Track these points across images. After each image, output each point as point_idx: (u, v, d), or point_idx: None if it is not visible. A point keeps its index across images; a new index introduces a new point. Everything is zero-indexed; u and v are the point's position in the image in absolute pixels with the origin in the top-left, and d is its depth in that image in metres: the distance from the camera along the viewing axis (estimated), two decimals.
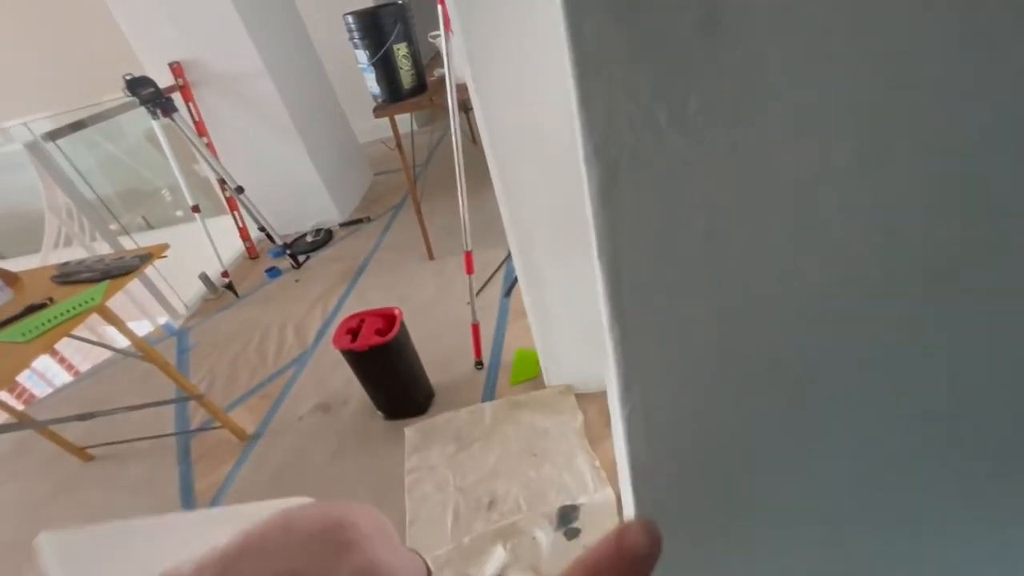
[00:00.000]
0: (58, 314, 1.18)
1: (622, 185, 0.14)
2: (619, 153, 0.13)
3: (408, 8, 1.97)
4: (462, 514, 1.35)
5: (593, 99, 0.13)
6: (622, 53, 0.12)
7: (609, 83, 0.12)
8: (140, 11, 2.43)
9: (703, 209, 0.14)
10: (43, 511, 1.71)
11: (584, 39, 0.12)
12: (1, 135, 4.27)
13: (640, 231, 0.15)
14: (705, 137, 0.13)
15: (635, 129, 0.13)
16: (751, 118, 0.13)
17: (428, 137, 4.02)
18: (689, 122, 0.13)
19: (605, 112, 0.13)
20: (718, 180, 0.13)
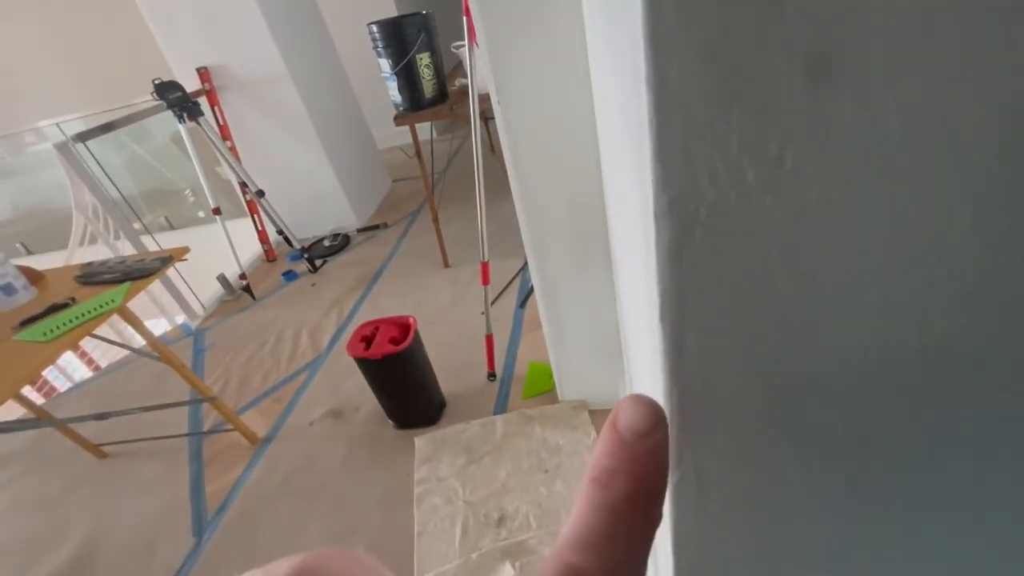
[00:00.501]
0: (80, 314, 1.20)
1: (697, 244, 0.12)
2: (697, 209, 0.12)
3: (432, 18, 1.98)
4: (471, 529, 1.32)
5: (672, 149, 0.11)
6: (711, 99, 0.10)
7: (692, 131, 0.11)
8: (172, 18, 2.49)
9: (789, 274, 0.12)
10: (56, 507, 1.73)
11: (668, 83, 0.10)
12: (35, 134, 4.41)
13: (714, 296, 0.13)
14: (799, 196, 0.11)
15: (717, 184, 0.11)
16: (856, 177, 0.11)
17: (447, 145, 4.04)
18: (782, 178, 0.11)
19: (684, 163, 0.11)
20: (810, 243, 0.12)
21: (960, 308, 0.12)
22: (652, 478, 0.14)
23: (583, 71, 1.02)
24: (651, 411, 0.14)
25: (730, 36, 0.10)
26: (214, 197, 2.65)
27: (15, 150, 4.50)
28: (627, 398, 0.15)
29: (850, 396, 0.14)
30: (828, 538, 0.18)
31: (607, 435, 0.14)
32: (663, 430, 0.14)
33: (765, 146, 0.11)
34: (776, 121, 0.11)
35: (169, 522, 1.57)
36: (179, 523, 1.55)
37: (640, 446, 0.14)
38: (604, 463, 0.14)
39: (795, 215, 0.12)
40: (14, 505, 1.79)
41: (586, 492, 0.14)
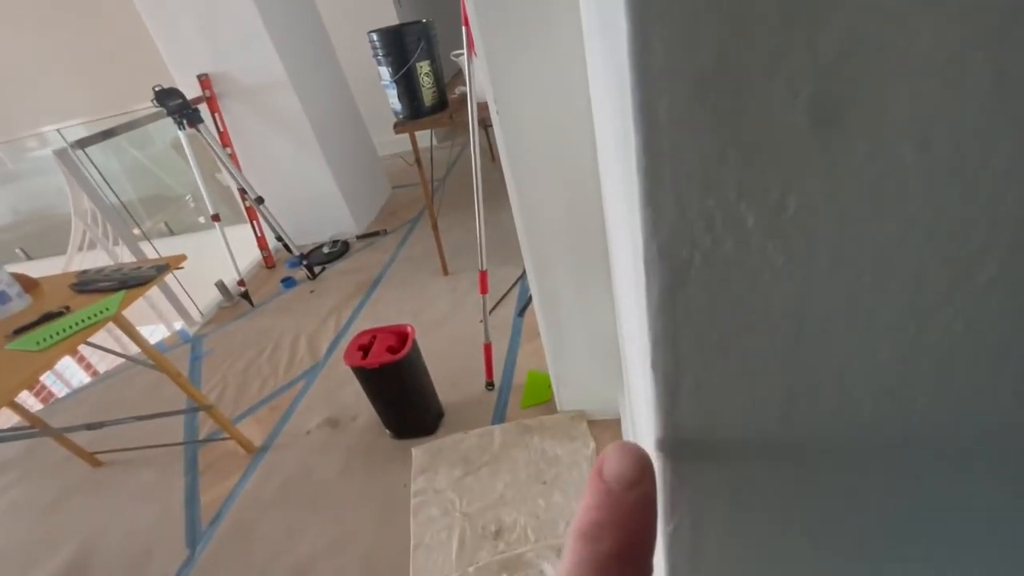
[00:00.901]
0: (73, 323, 1.19)
1: (691, 292, 0.11)
2: (690, 255, 0.11)
3: (432, 27, 1.99)
4: (468, 541, 1.30)
5: (663, 191, 0.10)
6: (704, 139, 0.09)
7: (685, 173, 0.10)
8: (173, 25, 2.50)
9: (792, 327, 0.11)
10: (50, 516, 1.71)
11: (658, 120, 0.09)
12: (37, 139, 4.42)
13: (708, 345, 0.12)
14: (804, 245, 0.10)
15: (713, 230, 0.10)
16: (869, 228, 0.10)
17: (447, 153, 4.04)
18: (785, 226, 0.10)
19: (677, 208, 0.10)
20: (816, 295, 0.11)
21: (980, 370, 0.11)
22: (642, 531, 0.13)
23: (581, 80, 1.01)
24: (638, 460, 0.13)
25: (726, 71, 0.09)
26: (213, 203, 2.64)
27: (16, 155, 4.52)
28: (613, 446, 0.14)
29: (855, 456, 0.13)
30: None
31: (593, 485, 0.14)
32: (651, 480, 0.13)
33: (765, 191, 0.10)
34: (777, 165, 0.10)
35: (163, 532, 1.55)
36: (173, 533, 1.53)
37: (628, 497, 0.13)
38: (591, 516, 0.13)
39: (799, 265, 0.11)
40: (8, 514, 1.77)
41: (573, 547, 0.14)
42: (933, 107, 0.09)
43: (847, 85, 0.09)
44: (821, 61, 0.09)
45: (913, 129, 0.09)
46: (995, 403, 0.12)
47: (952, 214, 0.10)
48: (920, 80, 0.09)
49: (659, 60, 0.09)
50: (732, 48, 0.09)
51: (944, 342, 0.11)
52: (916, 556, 0.15)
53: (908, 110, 0.09)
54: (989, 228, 0.10)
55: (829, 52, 0.09)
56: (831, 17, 0.08)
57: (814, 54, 0.09)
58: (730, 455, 0.14)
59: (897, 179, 0.09)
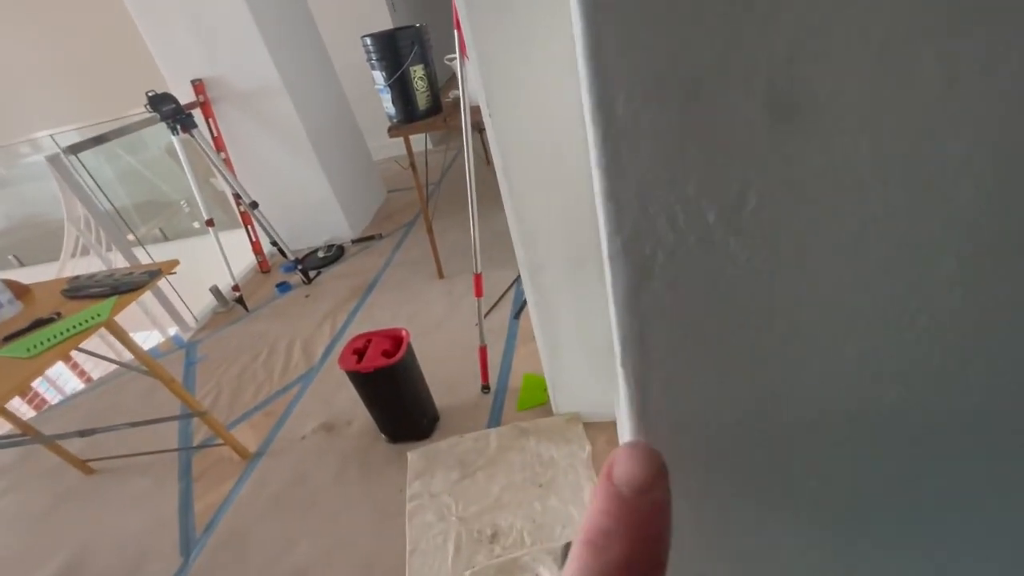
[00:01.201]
0: (64, 329, 1.18)
1: (656, 288, 0.11)
2: (654, 251, 0.11)
3: (425, 31, 1.99)
4: (464, 546, 1.30)
5: (623, 189, 0.10)
6: (665, 137, 0.09)
7: (645, 171, 0.10)
8: (166, 30, 2.50)
9: (759, 319, 0.11)
10: (42, 525, 1.70)
11: (615, 117, 0.09)
12: (30, 145, 4.40)
13: (676, 340, 0.12)
14: (765, 240, 0.10)
15: (676, 226, 0.10)
16: (829, 222, 0.10)
17: (442, 156, 4.05)
18: (746, 220, 0.10)
19: (639, 204, 0.10)
20: (780, 289, 0.11)
21: (944, 359, 0.11)
22: (654, 540, 0.12)
23: (573, 82, 1.02)
24: (651, 462, 0.13)
25: (681, 69, 0.09)
26: (208, 209, 2.63)
27: (9, 161, 4.49)
28: (624, 447, 0.14)
29: (831, 447, 0.13)
30: None
31: (603, 489, 0.13)
32: (664, 484, 0.12)
33: (725, 187, 0.10)
34: (736, 161, 0.10)
35: (156, 540, 1.53)
36: (166, 541, 1.52)
37: (639, 502, 0.12)
38: (599, 522, 0.12)
39: (763, 260, 0.11)
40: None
41: (579, 555, 0.13)
42: (885, 104, 0.09)
43: (801, 82, 0.09)
44: (774, 59, 0.09)
45: (867, 126, 0.09)
46: (961, 393, 0.12)
47: (909, 210, 0.10)
48: (871, 77, 0.09)
49: (613, 59, 0.09)
50: (686, 47, 0.09)
51: (910, 336, 0.11)
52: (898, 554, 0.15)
53: (861, 107, 0.09)
54: (945, 225, 0.10)
55: (782, 50, 0.09)
56: (781, 15, 0.08)
57: (767, 52, 0.09)
58: (705, 453, 0.14)
59: (854, 175, 0.09)
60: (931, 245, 0.10)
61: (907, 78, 0.09)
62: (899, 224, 0.10)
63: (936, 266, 0.10)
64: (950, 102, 0.09)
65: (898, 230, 0.10)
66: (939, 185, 0.09)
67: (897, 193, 0.10)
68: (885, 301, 0.11)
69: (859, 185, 0.10)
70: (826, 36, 0.08)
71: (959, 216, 0.10)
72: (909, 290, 0.11)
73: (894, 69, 0.08)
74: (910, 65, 0.08)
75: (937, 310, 0.11)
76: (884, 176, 0.09)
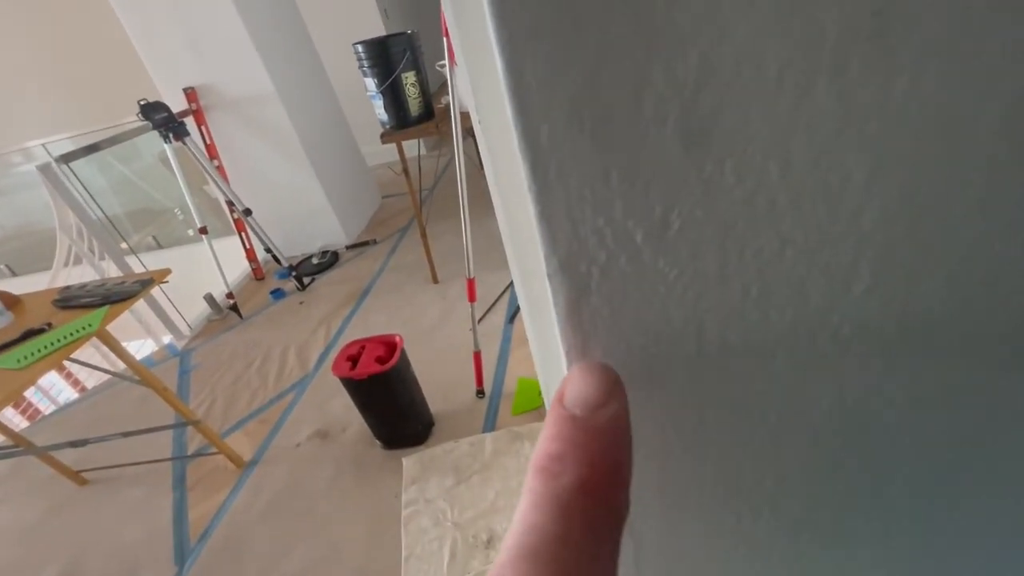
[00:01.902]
0: (55, 340, 1.18)
1: (595, 304, 0.12)
2: (589, 270, 0.11)
3: (417, 38, 2.00)
4: (459, 551, 1.30)
5: (555, 213, 0.11)
6: (587, 163, 0.10)
7: (574, 194, 0.10)
8: (157, 38, 2.50)
9: (690, 335, 0.12)
10: (34, 536, 1.68)
11: (540, 144, 0.10)
12: (22, 154, 4.39)
13: (617, 356, 0.12)
14: (690, 259, 0.11)
15: (606, 246, 0.11)
16: (748, 243, 0.10)
17: (435, 162, 4.06)
18: (671, 242, 0.11)
19: (570, 227, 0.11)
20: (707, 307, 0.11)
21: (871, 373, 0.12)
22: (610, 459, 0.11)
23: None
24: (603, 379, 0.11)
25: (596, 100, 0.09)
26: (201, 216, 2.63)
27: (1, 170, 4.47)
28: (574, 368, 0.12)
29: (761, 454, 0.14)
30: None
31: (553, 414, 0.12)
32: (620, 398, 0.11)
33: (650, 209, 0.10)
34: (656, 185, 0.10)
35: (150, 550, 1.52)
36: (160, 551, 1.51)
37: (593, 421, 0.11)
38: (550, 448, 0.11)
39: (690, 278, 0.11)
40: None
41: (530, 485, 0.11)
42: (788, 128, 0.09)
43: (709, 110, 0.09)
44: (683, 89, 0.09)
45: (774, 149, 0.10)
46: (888, 404, 0.12)
47: (821, 228, 0.10)
48: (773, 104, 0.09)
49: (534, 91, 0.09)
50: (599, 78, 0.09)
51: (835, 349, 0.12)
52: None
53: (767, 132, 0.09)
54: (857, 241, 0.10)
55: (688, 80, 0.09)
56: (686, 48, 0.09)
57: (675, 82, 0.09)
58: (651, 461, 0.15)
59: (767, 196, 0.10)
60: (845, 261, 0.11)
61: (804, 107, 0.09)
62: (813, 243, 0.10)
63: (852, 281, 0.11)
64: (847, 129, 0.09)
65: (813, 249, 0.11)
66: (847, 207, 0.10)
67: (808, 214, 0.10)
68: (808, 316, 0.11)
69: (772, 207, 0.10)
70: (727, 69, 0.09)
71: (869, 234, 0.10)
72: (830, 304, 0.11)
73: (791, 100, 0.09)
74: (805, 95, 0.09)
75: (858, 322, 0.11)
76: (795, 198, 0.10)
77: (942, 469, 0.14)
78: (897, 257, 0.10)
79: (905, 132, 0.09)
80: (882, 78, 0.09)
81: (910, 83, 0.09)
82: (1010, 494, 0.14)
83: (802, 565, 0.17)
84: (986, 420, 0.13)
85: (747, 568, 0.17)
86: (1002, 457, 0.13)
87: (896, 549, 0.16)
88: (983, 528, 0.15)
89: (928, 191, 0.10)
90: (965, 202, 0.10)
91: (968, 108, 0.09)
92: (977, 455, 0.13)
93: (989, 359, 0.12)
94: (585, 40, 0.09)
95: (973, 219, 0.10)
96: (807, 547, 0.17)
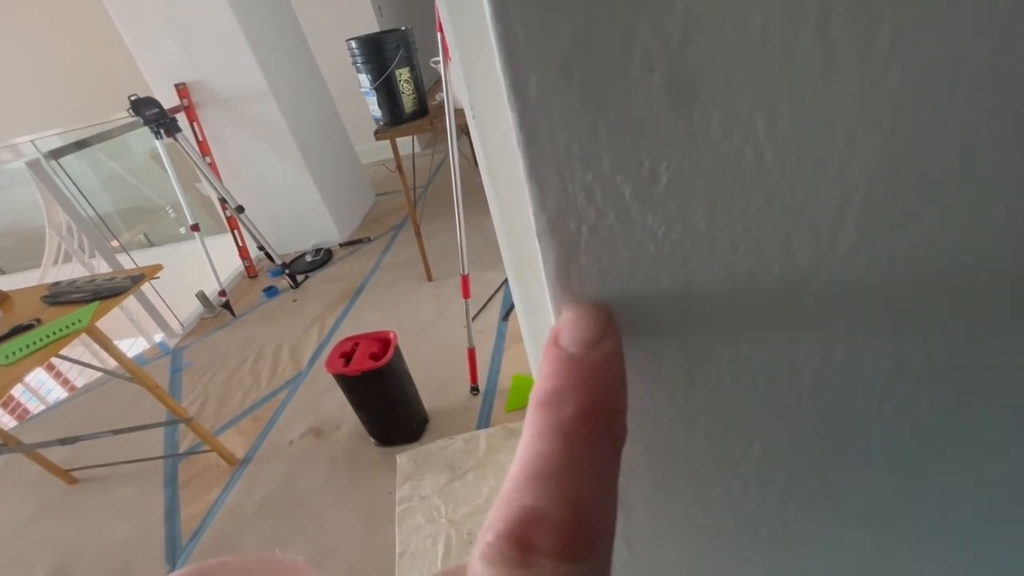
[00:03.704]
0: (44, 336, 1.16)
1: (583, 263, 0.12)
2: (578, 228, 0.11)
3: (411, 34, 2.00)
4: (453, 548, 1.30)
5: (544, 167, 0.11)
6: (575, 117, 0.10)
7: (562, 150, 0.11)
8: (149, 34, 2.48)
9: (678, 294, 0.12)
10: (23, 536, 1.66)
11: (530, 99, 0.10)
12: (10, 151, 4.33)
13: None
14: (678, 214, 0.11)
15: (595, 202, 0.11)
16: (735, 196, 0.11)
17: (430, 159, 4.05)
18: (659, 197, 0.11)
19: (559, 183, 0.11)
20: (696, 263, 0.11)
21: (859, 334, 0.12)
22: (609, 388, 0.12)
23: None
24: (598, 318, 0.12)
25: (585, 52, 0.09)
26: (193, 214, 2.61)
27: None
28: (568, 311, 0.13)
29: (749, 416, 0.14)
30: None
31: (550, 355, 0.12)
32: (614, 335, 0.12)
33: (638, 164, 0.11)
34: (644, 139, 0.10)
35: (141, 549, 1.51)
36: (152, 550, 1.50)
37: (590, 357, 0.12)
38: (549, 385, 0.12)
39: (678, 234, 0.11)
40: None
41: (531, 419, 0.12)
42: (773, 84, 0.09)
43: (696, 63, 0.09)
44: (670, 41, 0.09)
45: (759, 106, 0.10)
46: (875, 367, 0.13)
47: (807, 184, 0.10)
48: (758, 59, 0.09)
49: (522, 42, 0.09)
50: (588, 31, 0.09)
51: (822, 307, 0.12)
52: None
53: (753, 86, 0.09)
54: (841, 197, 0.10)
55: (676, 33, 0.09)
56: (674, 4, 0.09)
57: (663, 35, 0.09)
58: (642, 424, 0.15)
59: (754, 150, 0.10)
60: (831, 217, 0.11)
61: (788, 63, 0.09)
62: (799, 199, 0.11)
63: (838, 237, 0.11)
64: (830, 86, 0.09)
65: (799, 204, 0.11)
66: (831, 163, 0.10)
67: (794, 169, 0.10)
68: (795, 273, 0.11)
69: (760, 161, 0.10)
70: (712, 22, 0.09)
71: (852, 190, 0.10)
72: (817, 261, 0.11)
73: (774, 53, 0.09)
74: (789, 50, 0.09)
75: (844, 281, 0.11)
76: (781, 153, 0.10)
77: (928, 436, 0.15)
78: (881, 212, 0.10)
79: (887, 84, 0.09)
80: (863, 28, 0.09)
81: (891, 34, 0.09)
82: (996, 455, 0.14)
83: (790, 538, 0.17)
84: (971, 383, 0.13)
85: (737, 538, 0.17)
86: (988, 418, 0.13)
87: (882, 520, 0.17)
88: (969, 489, 0.15)
89: (910, 144, 0.10)
90: (946, 158, 0.10)
91: (949, 61, 0.09)
92: (962, 419, 0.14)
93: (973, 320, 0.12)
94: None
95: (953, 176, 0.10)
96: (795, 518, 0.17)
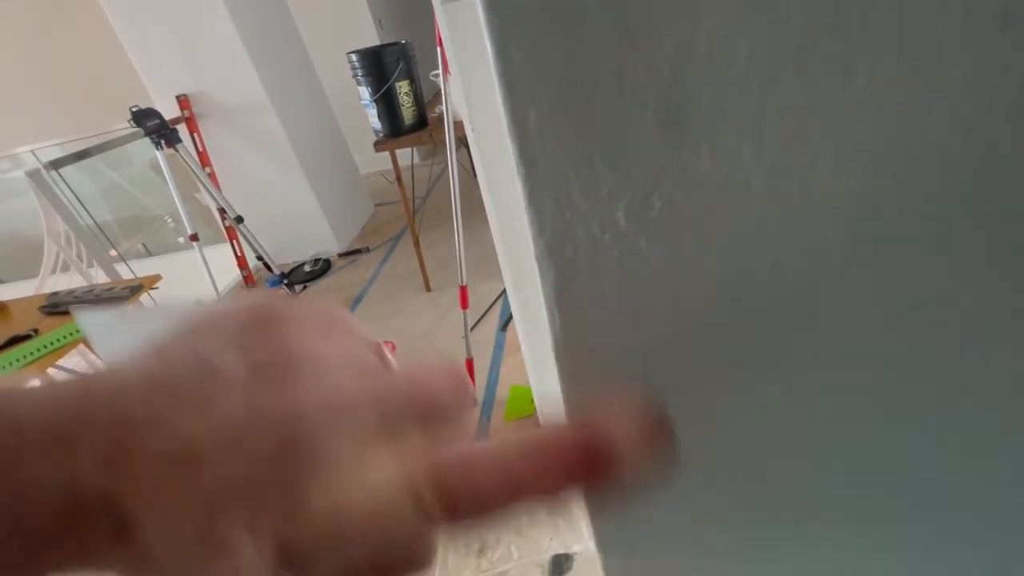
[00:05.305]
0: (41, 346, 1.16)
1: (581, 285, 0.12)
2: (575, 252, 0.12)
3: (411, 48, 2.02)
4: (450, 559, 1.28)
5: (542, 195, 0.11)
6: (571, 147, 0.11)
7: (559, 178, 0.11)
8: (150, 45, 2.51)
9: (670, 314, 0.12)
10: None
11: (528, 130, 0.11)
12: (11, 161, 4.34)
13: (604, 334, 0.13)
14: (671, 239, 0.11)
15: (591, 228, 0.11)
16: (725, 221, 0.11)
17: (429, 170, 4.07)
18: (653, 223, 0.11)
19: (557, 209, 0.11)
20: (687, 285, 0.12)
21: (834, 339, 0.12)
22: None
23: None
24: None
25: (580, 86, 0.10)
26: (192, 223, 2.62)
27: None
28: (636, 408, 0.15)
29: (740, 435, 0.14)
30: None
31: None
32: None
33: (632, 192, 0.11)
34: (638, 168, 0.11)
35: None
36: None
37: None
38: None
39: (671, 258, 0.12)
40: None
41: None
42: (758, 114, 0.10)
43: (686, 96, 0.10)
44: (661, 76, 0.10)
45: (746, 134, 0.10)
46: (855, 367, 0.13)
47: (794, 211, 0.11)
48: (743, 90, 0.10)
49: (522, 78, 0.10)
50: (581, 68, 0.10)
51: (809, 326, 0.12)
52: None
53: (739, 116, 0.10)
54: (831, 221, 0.11)
55: (666, 68, 0.10)
56: (663, 39, 0.09)
57: (654, 70, 0.10)
58: None
59: (742, 179, 0.11)
60: (819, 242, 0.11)
61: (772, 92, 0.10)
62: (786, 225, 0.11)
63: (824, 259, 0.11)
64: (811, 117, 0.10)
65: (787, 228, 0.11)
66: (816, 186, 0.11)
67: (781, 195, 0.11)
68: (782, 295, 0.12)
69: (746, 188, 0.11)
70: (701, 58, 0.09)
71: (839, 216, 0.11)
72: (805, 281, 0.12)
73: (759, 84, 0.10)
74: (773, 81, 0.10)
75: (828, 301, 0.12)
76: (768, 180, 0.11)
77: (914, 401, 0.15)
78: (865, 236, 0.11)
79: (866, 118, 0.10)
80: (843, 67, 0.09)
81: (869, 72, 0.09)
82: (987, 406, 0.14)
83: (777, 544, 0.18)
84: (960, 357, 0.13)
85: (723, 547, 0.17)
86: (979, 374, 0.14)
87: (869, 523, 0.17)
88: (960, 444, 0.15)
89: (888, 175, 0.10)
90: (922, 189, 0.10)
91: (921, 101, 0.10)
92: (954, 378, 0.14)
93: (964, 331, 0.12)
94: (569, 27, 0.09)
95: (930, 209, 0.11)
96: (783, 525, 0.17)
